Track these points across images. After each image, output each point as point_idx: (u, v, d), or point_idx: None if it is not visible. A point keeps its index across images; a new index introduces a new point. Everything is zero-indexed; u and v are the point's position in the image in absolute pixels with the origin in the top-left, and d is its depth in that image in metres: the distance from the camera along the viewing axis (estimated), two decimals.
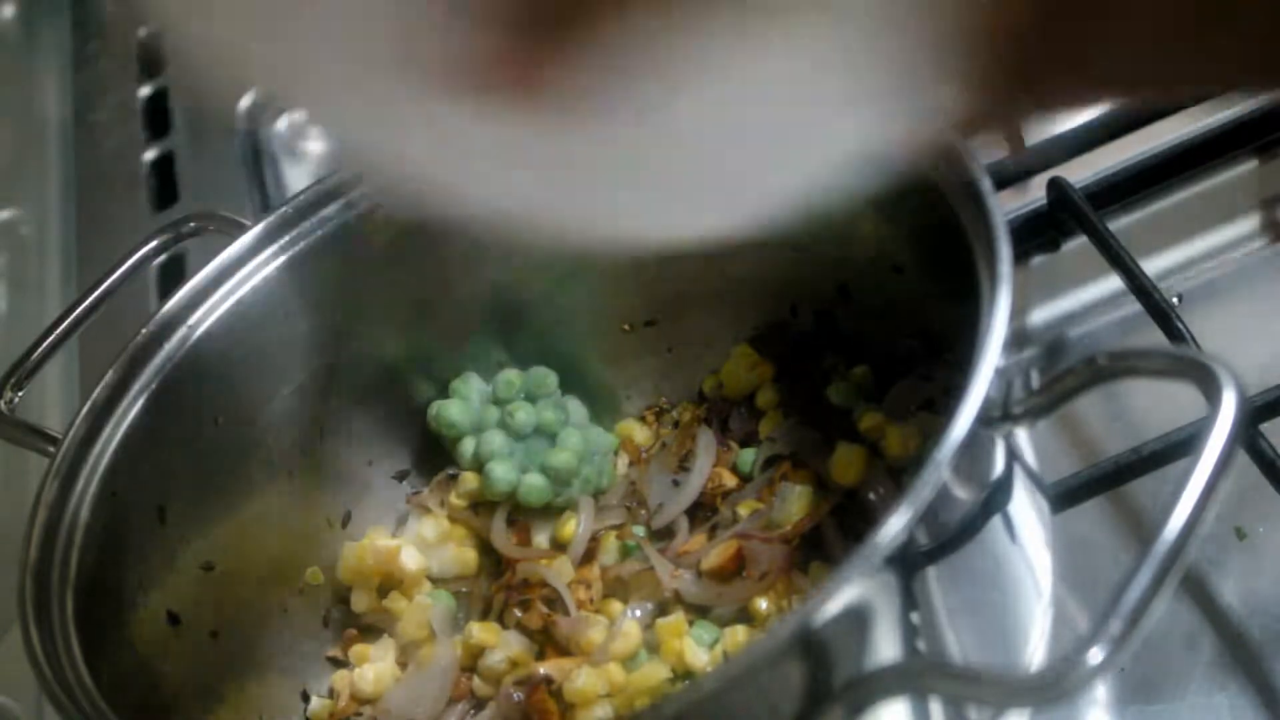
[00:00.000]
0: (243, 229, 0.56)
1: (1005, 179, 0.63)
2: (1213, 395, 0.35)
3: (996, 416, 0.40)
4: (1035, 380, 0.56)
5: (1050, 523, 0.47)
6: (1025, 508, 0.45)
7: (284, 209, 0.55)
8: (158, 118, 0.96)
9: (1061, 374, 0.39)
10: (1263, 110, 0.59)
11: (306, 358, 0.56)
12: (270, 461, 0.56)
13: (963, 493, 0.41)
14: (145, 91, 0.99)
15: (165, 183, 0.90)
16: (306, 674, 0.56)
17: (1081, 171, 0.61)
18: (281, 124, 0.92)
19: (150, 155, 0.93)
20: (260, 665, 0.54)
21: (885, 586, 0.38)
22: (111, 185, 0.92)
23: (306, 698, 0.55)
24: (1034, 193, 0.62)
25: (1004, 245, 0.42)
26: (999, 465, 0.43)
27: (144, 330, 0.53)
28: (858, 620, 0.38)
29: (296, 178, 0.90)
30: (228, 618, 0.53)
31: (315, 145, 0.92)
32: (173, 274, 0.76)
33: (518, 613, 0.53)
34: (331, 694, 0.55)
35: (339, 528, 0.58)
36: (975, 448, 0.41)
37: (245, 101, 0.91)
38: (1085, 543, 0.52)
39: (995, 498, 0.43)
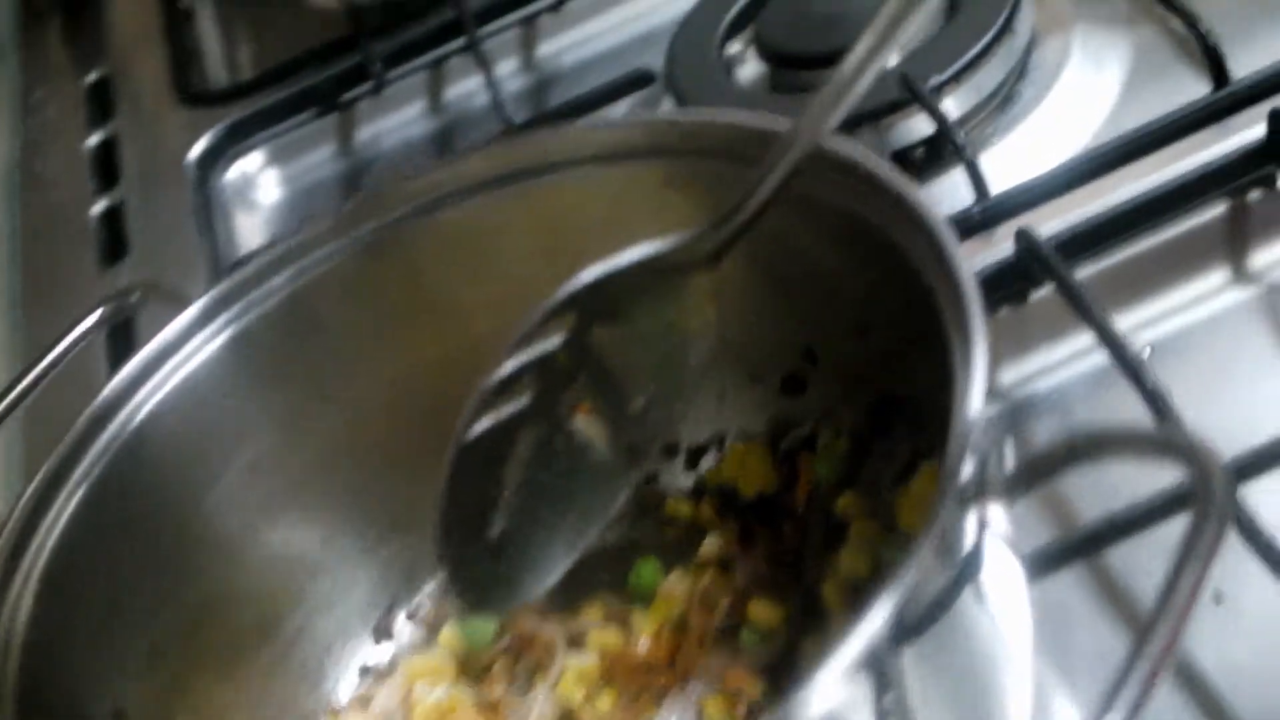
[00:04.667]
0: (188, 301, 0.55)
1: (970, 227, 0.61)
2: (1199, 483, 0.34)
3: (970, 497, 0.39)
4: (1010, 448, 0.54)
5: (1026, 590, 0.45)
6: (998, 576, 0.43)
7: (230, 280, 0.54)
8: (106, 167, 0.94)
9: (1038, 457, 0.38)
10: (1235, 155, 0.58)
11: (257, 433, 0.55)
12: (220, 542, 0.54)
13: (934, 573, 0.40)
14: (93, 140, 0.97)
15: (114, 236, 0.88)
16: None
17: (1050, 220, 0.60)
18: (233, 173, 0.90)
19: (98, 208, 0.91)
20: None
21: (857, 679, 0.37)
22: (58, 239, 0.90)
23: None
24: (1000, 241, 0.60)
25: (978, 322, 0.40)
26: (970, 537, 0.42)
27: (85, 413, 0.51)
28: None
29: (248, 228, 0.88)
30: (178, 709, 0.51)
31: (267, 194, 0.90)
32: (123, 336, 0.74)
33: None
34: None
35: (296, 607, 0.56)
36: (949, 528, 0.39)
37: (195, 150, 0.89)
38: (1063, 608, 0.51)
39: (966, 570, 0.42)
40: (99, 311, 0.56)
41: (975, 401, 0.38)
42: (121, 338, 0.72)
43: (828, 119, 0.47)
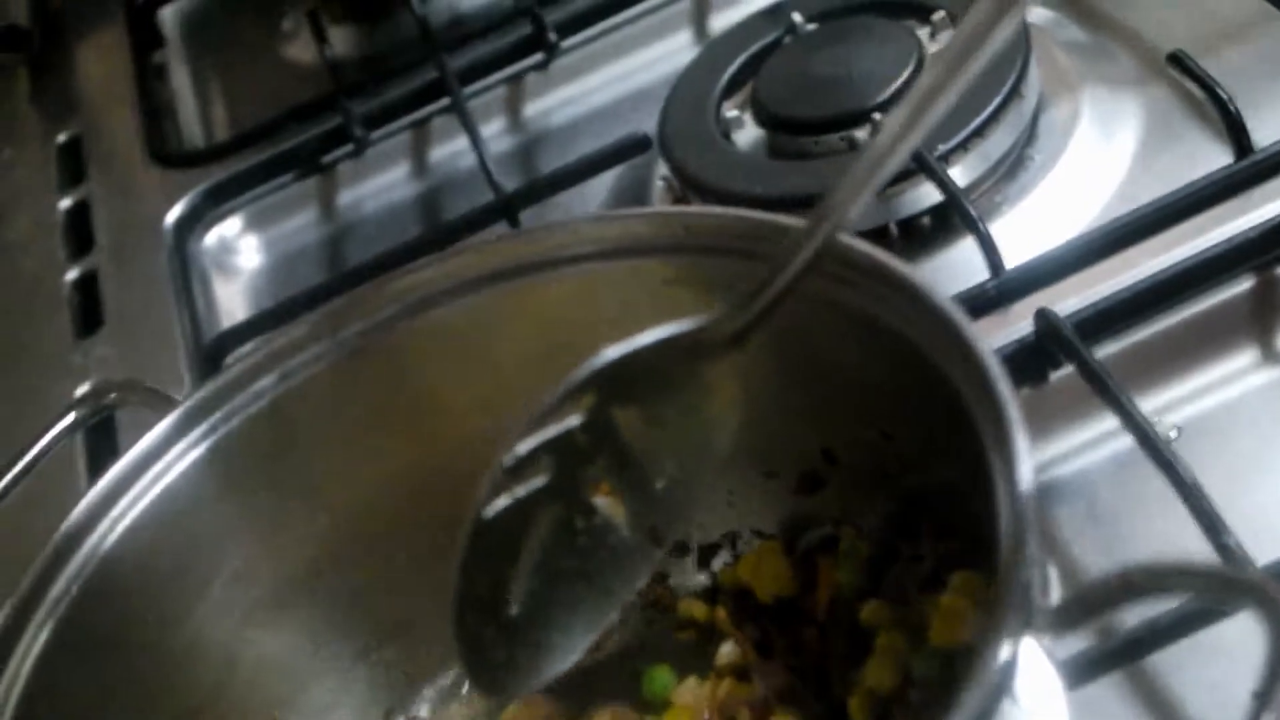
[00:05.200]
0: (167, 402, 0.52)
1: (986, 304, 0.59)
2: (1273, 628, 0.32)
3: (1019, 629, 0.36)
4: (1053, 575, 0.52)
5: (1064, 698, 0.43)
6: (1036, 682, 0.41)
7: (210, 386, 0.51)
8: (80, 232, 0.91)
9: (1090, 591, 0.35)
10: (1262, 228, 0.56)
11: (240, 542, 0.52)
12: (207, 654, 0.52)
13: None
14: (65, 204, 0.94)
15: (89, 304, 0.85)
16: None
17: (1068, 297, 0.57)
18: (211, 238, 0.87)
19: (72, 275, 0.88)
20: None
21: None
22: (30, 310, 0.87)
23: None
24: (1016, 319, 0.58)
25: (1018, 436, 0.38)
26: (1009, 651, 0.39)
27: (58, 532, 0.48)
28: None
29: (228, 296, 0.85)
30: None
31: (247, 260, 0.87)
32: (102, 427, 0.70)
33: None
34: None
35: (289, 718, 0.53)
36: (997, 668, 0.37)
37: (172, 215, 0.86)
38: (1102, 715, 0.48)
39: (1004, 681, 0.39)
40: (71, 416, 0.53)
41: (1025, 529, 0.35)
42: (101, 430, 0.69)
43: (858, 196, 0.45)
